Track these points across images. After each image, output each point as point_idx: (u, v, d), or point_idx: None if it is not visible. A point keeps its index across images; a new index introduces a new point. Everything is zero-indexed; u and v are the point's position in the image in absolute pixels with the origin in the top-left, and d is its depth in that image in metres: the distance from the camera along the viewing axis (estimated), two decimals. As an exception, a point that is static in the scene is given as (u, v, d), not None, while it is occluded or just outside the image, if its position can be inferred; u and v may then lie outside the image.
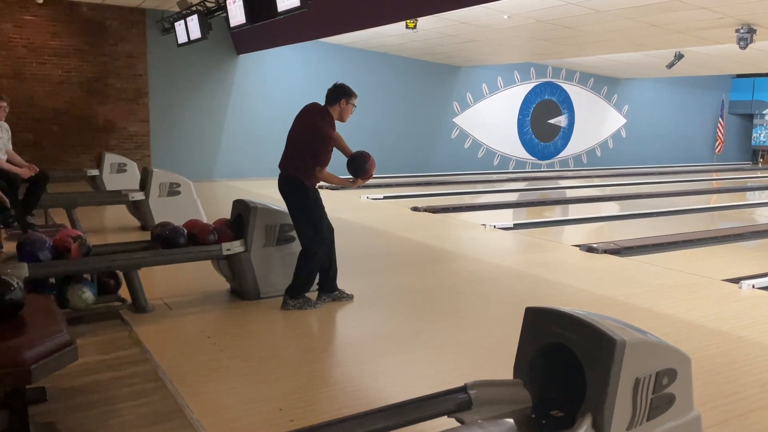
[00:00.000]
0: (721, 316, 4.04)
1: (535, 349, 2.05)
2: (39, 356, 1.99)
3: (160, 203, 6.52)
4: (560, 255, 6.03)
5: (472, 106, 14.70)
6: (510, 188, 12.36)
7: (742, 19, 7.85)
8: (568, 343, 1.94)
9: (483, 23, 9.30)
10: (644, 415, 1.89)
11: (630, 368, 1.84)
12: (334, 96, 4.06)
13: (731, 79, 19.05)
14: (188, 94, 11.48)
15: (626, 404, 1.84)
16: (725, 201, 11.11)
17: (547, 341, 2.02)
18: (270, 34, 10.25)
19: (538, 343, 2.05)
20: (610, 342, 1.82)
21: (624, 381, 1.83)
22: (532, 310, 2.10)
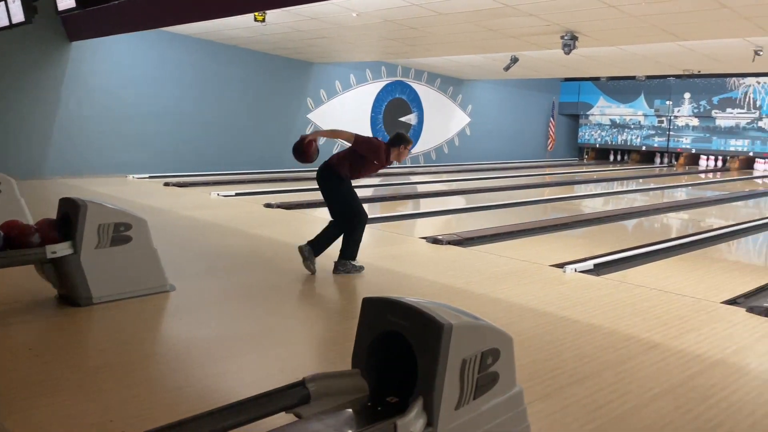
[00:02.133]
0: (547, 299, 4.43)
1: (372, 338, 2.11)
2: None
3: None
4: (408, 247, 6.25)
5: (326, 102, 14.77)
6: (363, 184, 12.59)
7: (566, 26, 8.63)
8: (401, 330, 2.01)
9: (333, 20, 9.36)
10: (471, 394, 2.01)
11: (457, 350, 1.94)
12: (396, 141, 5.08)
13: (560, 83, 20.92)
14: (10, 84, 10.35)
15: (454, 385, 1.95)
16: (556, 193, 12.19)
17: (383, 329, 2.07)
18: (107, 21, 9.54)
19: (374, 332, 2.10)
20: (437, 326, 1.91)
21: (451, 363, 1.93)
22: (369, 300, 2.15)
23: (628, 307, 4.27)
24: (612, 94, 20.36)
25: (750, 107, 17.65)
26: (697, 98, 18.59)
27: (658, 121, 19.57)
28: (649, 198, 12.01)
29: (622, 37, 9.21)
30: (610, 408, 2.74)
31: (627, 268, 5.59)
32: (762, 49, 9.67)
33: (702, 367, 3.24)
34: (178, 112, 12.07)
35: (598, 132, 21.06)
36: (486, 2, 7.44)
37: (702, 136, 18.77)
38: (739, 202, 11.86)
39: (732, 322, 3.99)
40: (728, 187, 14.20)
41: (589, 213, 9.66)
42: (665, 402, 2.81)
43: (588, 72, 16.36)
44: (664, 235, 7.70)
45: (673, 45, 9.87)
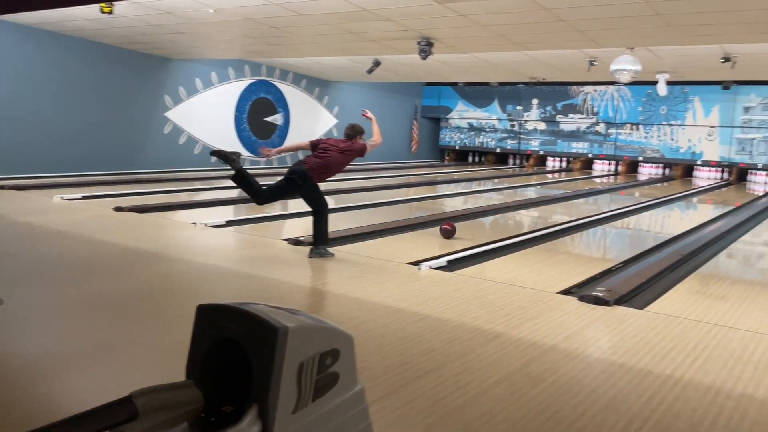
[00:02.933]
0: (401, 296, 4.56)
1: (207, 346, 2.04)
2: None
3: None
4: (269, 250, 6.16)
5: (186, 100, 14.17)
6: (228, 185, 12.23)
7: (422, 33, 8.95)
8: (236, 336, 1.97)
9: (188, 16, 8.99)
10: (309, 396, 2.00)
11: (293, 353, 1.93)
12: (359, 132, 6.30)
13: (422, 87, 21.69)
14: None
15: (291, 389, 1.94)
16: (419, 193, 12.62)
17: (218, 337, 2.02)
18: None
19: (210, 339, 2.04)
20: (272, 331, 1.89)
21: (288, 367, 1.91)
22: (203, 308, 2.08)
23: (475, 301, 4.50)
24: (469, 99, 21.46)
25: (588, 113, 19.40)
26: (543, 104, 20.11)
27: (510, 125, 20.92)
28: (504, 196, 12.79)
29: (474, 45, 9.72)
30: (451, 398, 2.88)
31: (479, 263, 5.91)
32: (596, 60, 10.64)
33: (536, 354, 3.49)
34: (14, 107, 10.99)
35: (457, 135, 22.08)
36: (344, 5, 7.51)
37: (548, 139, 20.32)
38: (581, 199, 12.99)
39: (565, 311, 4.35)
40: (571, 186, 15.49)
41: (449, 211, 10.10)
42: (502, 389, 3.00)
43: (447, 77, 17.10)
44: (515, 231, 8.24)
45: (519, 54, 10.59)
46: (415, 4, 7.13)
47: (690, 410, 2.86)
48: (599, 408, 2.85)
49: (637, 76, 9.60)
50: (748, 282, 6.02)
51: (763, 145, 16.82)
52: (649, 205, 11.94)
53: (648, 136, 18.52)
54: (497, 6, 6.95)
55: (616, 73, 9.40)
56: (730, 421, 2.77)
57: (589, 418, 2.75)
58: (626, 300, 4.71)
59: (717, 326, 4.13)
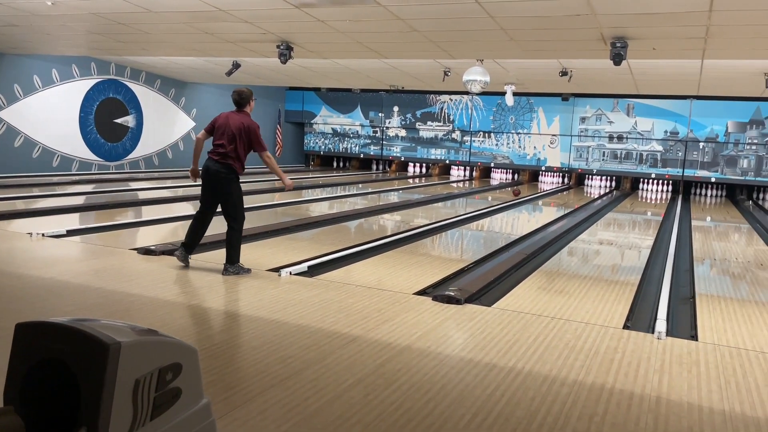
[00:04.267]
0: (260, 303, 4.46)
1: (27, 367, 1.85)
2: None
3: None
4: (115, 260, 5.76)
5: (22, 99, 12.90)
6: (72, 192, 11.30)
7: (281, 36, 8.86)
8: (61, 356, 1.81)
9: (22, 7, 8.19)
10: (147, 414, 1.89)
11: (127, 371, 1.81)
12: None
13: (285, 91, 21.49)
14: None
15: (125, 408, 1.81)
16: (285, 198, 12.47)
17: (40, 357, 1.84)
18: None
19: (31, 361, 1.85)
20: (102, 347, 1.75)
21: (121, 385, 1.79)
22: (22, 326, 1.89)
23: (334, 305, 4.52)
24: (333, 105, 21.61)
25: (445, 121, 20.32)
26: (404, 111, 20.76)
27: (373, 131, 21.36)
28: (368, 201, 13.01)
29: (333, 51, 9.79)
30: (306, 405, 2.85)
31: (342, 268, 5.94)
32: (450, 70, 11.16)
33: (391, 354, 3.57)
34: None
35: (322, 140, 22.13)
36: (198, 4, 7.23)
37: (409, 146, 21.01)
38: (439, 203, 13.54)
39: (420, 311, 4.50)
40: (430, 190, 16.12)
41: (314, 216, 10.07)
42: (356, 391, 3.03)
43: (309, 82, 17.07)
44: (378, 234, 8.39)
45: (378, 62, 10.84)
46: (273, 6, 7.04)
47: (529, 399, 3.06)
48: (448, 403, 2.97)
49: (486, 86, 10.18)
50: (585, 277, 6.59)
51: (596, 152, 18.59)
52: (500, 208, 12.73)
53: (499, 143, 19.75)
54: (354, 13, 7.05)
55: (468, 84, 9.91)
56: (564, 407, 3.01)
57: (438, 413, 2.85)
58: (476, 298, 4.97)
59: (555, 319, 4.48)
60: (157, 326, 2.20)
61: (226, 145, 5.35)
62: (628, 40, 7.22)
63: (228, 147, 5.34)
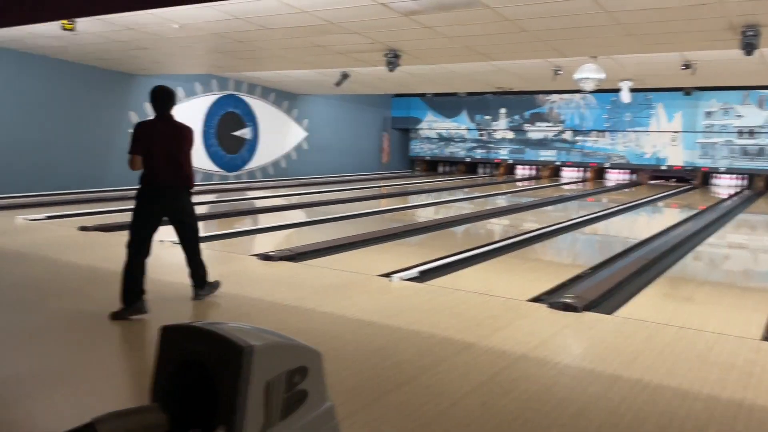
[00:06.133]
0: (372, 309, 4.54)
1: (171, 368, 2.00)
2: None
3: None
4: (238, 266, 6.09)
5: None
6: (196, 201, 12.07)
7: (389, 45, 9.01)
8: (201, 357, 1.93)
9: (152, 31, 8.90)
10: (277, 415, 1.97)
11: (259, 373, 1.90)
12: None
13: (391, 98, 21.80)
14: None
15: (258, 409, 1.90)
16: (391, 204, 12.64)
17: (182, 358, 1.98)
18: None
19: (174, 361, 2.00)
20: (236, 350, 1.85)
21: (254, 386, 1.88)
22: (166, 329, 2.04)
23: (446, 311, 4.51)
24: (438, 109, 21.63)
25: (555, 121, 19.72)
26: (511, 113, 20.38)
27: (479, 134, 21.14)
28: (474, 206, 12.89)
29: (440, 56, 9.81)
30: (423, 411, 2.86)
31: (451, 273, 5.92)
32: (561, 69, 10.82)
33: (507, 363, 3.51)
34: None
35: (427, 145, 22.22)
36: (310, 19, 7.52)
37: (517, 148, 20.58)
38: (550, 206, 13.15)
39: (535, 318, 4.38)
40: (540, 193, 15.69)
41: (421, 222, 10.13)
42: (473, 400, 3.00)
43: (415, 88, 17.22)
44: (487, 240, 8.29)
45: (485, 64, 10.72)
46: (381, 17, 7.17)
47: (658, 414, 2.89)
48: (570, 415, 2.86)
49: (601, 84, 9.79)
50: (714, 284, 6.14)
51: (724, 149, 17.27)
52: (617, 211, 12.14)
53: (614, 142, 18.87)
54: (461, 18, 7.03)
55: (581, 82, 9.57)
56: (698, 423, 2.81)
57: (559, 426, 2.76)
58: (595, 306, 4.76)
59: (683, 329, 4.20)
60: (278, 330, 2.30)
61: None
62: (761, 28, 6.66)
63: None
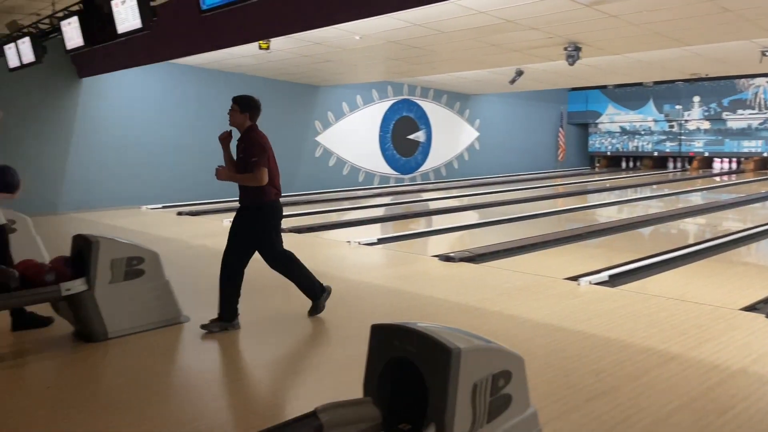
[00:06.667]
0: (561, 313, 4.38)
1: (382, 365, 2.10)
2: None
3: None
4: (420, 266, 6.24)
5: (334, 124, 14.88)
6: (375, 204, 12.63)
7: (569, 38, 8.65)
8: (410, 356, 2.01)
9: (336, 44, 9.47)
10: (484, 418, 1.99)
11: (467, 374, 1.93)
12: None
13: (567, 92, 20.91)
14: (24, 122, 10.54)
15: (466, 410, 1.93)
16: (569, 204, 12.13)
17: (392, 356, 2.07)
18: (116, 57, 9.72)
19: (384, 358, 2.10)
20: (446, 351, 1.90)
21: (462, 387, 1.92)
22: (378, 327, 2.15)
23: (644, 318, 4.21)
24: (620, 101, 20.30)
25: (761, 107, 17.49)
26: (707, 101, 18.47)
27: (669, 126, 19.46)
28: (664, 204, 11.91)
29: (625, 45, 9.20)
30: (628, 424, 2.70)
31: (644, 278, 5.53)
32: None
33: (721, 378, 3.18)
34: (187, 141, 12.20)
35: (608, 140, 20.97)
36: (487, 19, 7.48)
37: (714, 139, 18.61)
38: (757, 203, 11.72)
39: (751, 330, 3.92)
40: (744, 188, 14.04)
41: (604, 222, 9.59)
42: (684, 416, 2.76)
43: (594, 81, 16.34)
44: (681, 242, 7.63)
45: (678, 50, 9.85)
46: (562, 9, 6.91)
47: None
48: (806, 442, 2.52)
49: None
50: None
51: None
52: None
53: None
54: (652, 2, 6.53)
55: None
56: None
57: (794, 453, 2.44)
58: (826, 317, 4.15)
59: None
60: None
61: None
62: None
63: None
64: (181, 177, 12.22)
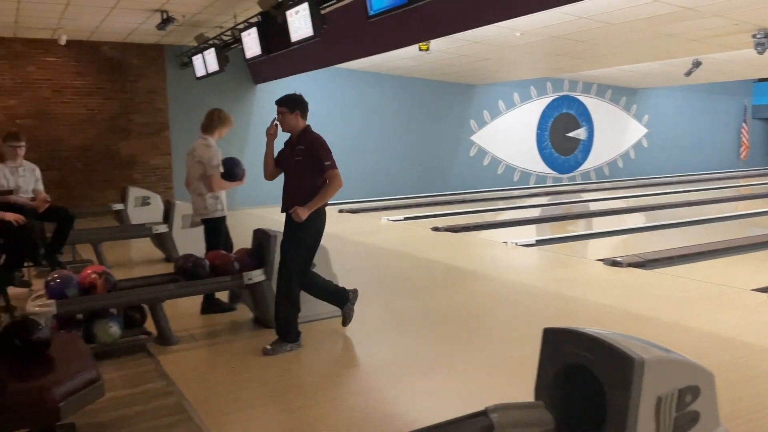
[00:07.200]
0: (748, 328, 3.96)
1: (555, 370, 2.04)
2: (67, 393, 2.04)
3: (183, 235, 6.62)
4: (584, 270, 5.97)
5: (490, 123, 14.73)
6: (531, 204, 12.30)
7: (759, 24, 7.78)
8: (587, 363, 1.93)
9: (496, 42, 9.36)
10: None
11: (651, 387, 1.81)
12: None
13: (753, 84, 18.81)
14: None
15: (649, 423, 1.82)
16: (754, 207, 10.90)
17: (567, 362, 2.00)
18: (286, 64, 10.43)
19: (558, 364, 2.04)
20: (629, 361, 1.80)
21: (645, 400, 1.80)
22: (551, 331, 2.09)
23: None
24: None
25: None
26: None
27: None
28: None
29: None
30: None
31: None
32: None
33: None
34: (349, 141, 12.77)
35: (801, 136, 18.57)
36: (662, 7, 6.96)
37: None
38: None
39: None
40: None
41: (796, 228, 8.51)
42: None
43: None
44: None
45: None
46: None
47: None
48: None
49: None
50: None
51: None
52: None
53: None
54: None
55: None
56: None
57: None
58: None
59: None
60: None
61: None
62: None
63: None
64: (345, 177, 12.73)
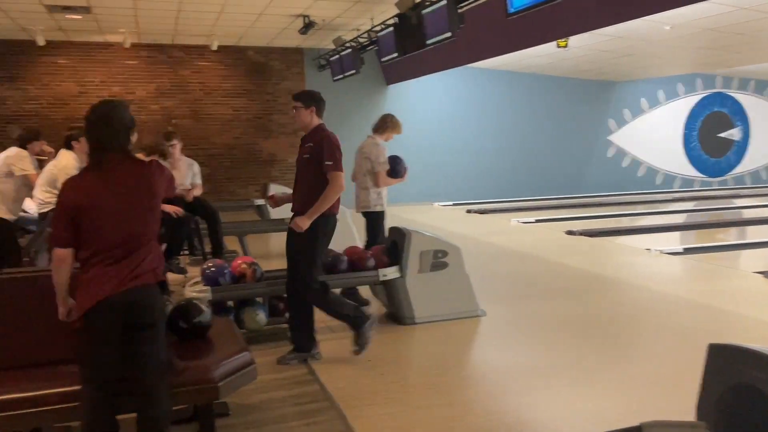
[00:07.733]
0: None
1: (721, 390, 1.87)
2: (225, 374, 2.19)
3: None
4: (740, 283, 5.46)
5: (630, 122, 13.93)
6: (676, 209, 11.45)
7: None
8: (760, 384, 1.75)
9: (641, 36, 8.82)
10: None
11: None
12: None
13: None
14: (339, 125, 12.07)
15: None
16: None
17: (736, 382, 1.83)
18: (418, 64, 10.53)
19: (725, 383, 1.86)
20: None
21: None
22: (717, 347, 1.92)
23: None
24: None
25: None
26: None
27: None
28: None
29: None
30: None
31: None
32: None
33: None
34: (479, 141, 12.64)
35: None
36: (842, -9, 6.20)
37: None
38: None
39: None
40: None
41: None
42: None
43: None
44: None
45: None
46: None
47: None
48: None
49: None
50: None
51: None
52: None
53: None
54: None
55: None
56: None
57: None
58: None
59: None
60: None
61: None
62: None
63: None
64: (474, 176, 12.69)
